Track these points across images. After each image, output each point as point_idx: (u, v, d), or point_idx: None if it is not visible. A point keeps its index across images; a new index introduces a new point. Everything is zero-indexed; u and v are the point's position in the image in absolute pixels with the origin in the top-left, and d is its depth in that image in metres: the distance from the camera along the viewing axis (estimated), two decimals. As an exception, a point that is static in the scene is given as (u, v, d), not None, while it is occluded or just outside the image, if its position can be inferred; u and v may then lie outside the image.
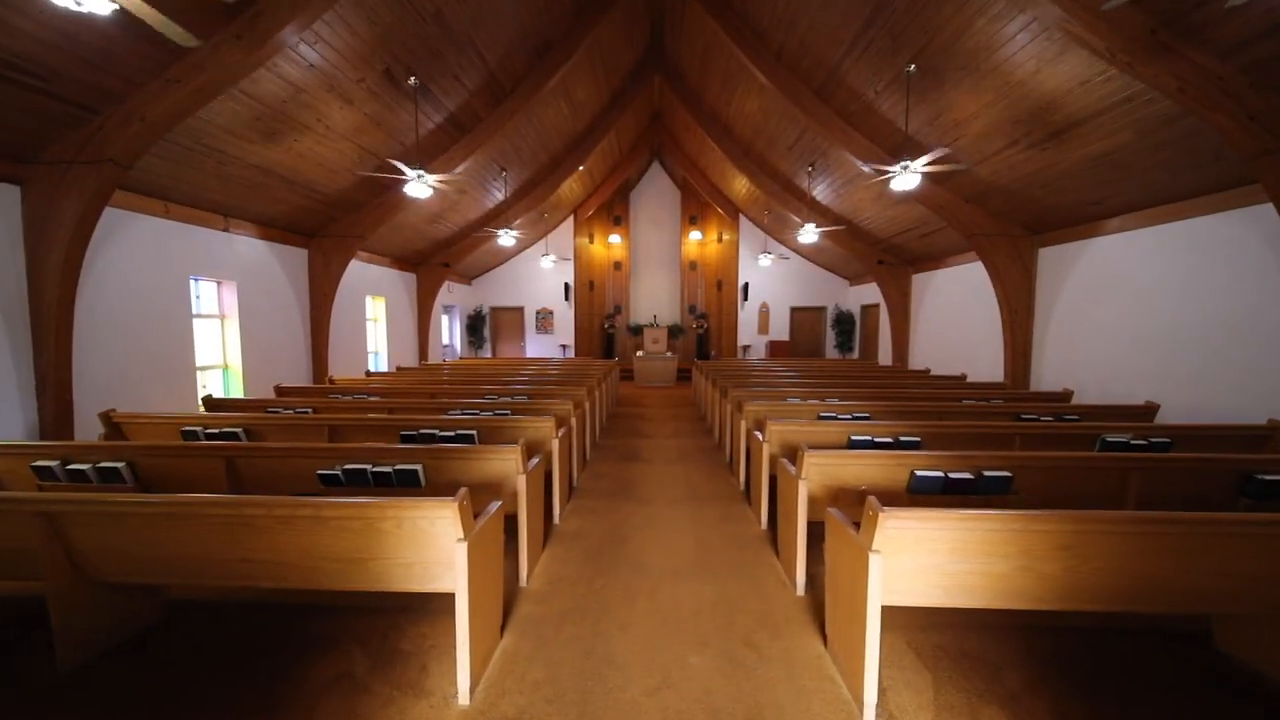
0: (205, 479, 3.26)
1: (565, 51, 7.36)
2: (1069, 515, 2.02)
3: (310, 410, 5.15)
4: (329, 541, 2.22)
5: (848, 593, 2.25)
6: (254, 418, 4.41)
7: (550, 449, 4.20)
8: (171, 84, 4.24)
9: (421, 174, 5.82)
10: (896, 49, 5.44)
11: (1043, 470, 3.07)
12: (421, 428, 4.18)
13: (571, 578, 3.24)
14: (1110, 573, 2.07)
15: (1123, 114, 4.69)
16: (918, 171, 5.49)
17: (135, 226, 5.40)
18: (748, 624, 2.72)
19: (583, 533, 3.98)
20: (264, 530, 2.22)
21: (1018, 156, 5.87)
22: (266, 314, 7.30)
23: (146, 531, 2.26)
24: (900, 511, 2.01)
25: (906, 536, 2.04)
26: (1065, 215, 6.57)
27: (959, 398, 5.88)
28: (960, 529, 2.04)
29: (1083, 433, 4.03)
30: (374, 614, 2.79)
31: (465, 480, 3.19)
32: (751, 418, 5.00)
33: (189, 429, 4.25)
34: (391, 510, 2.14)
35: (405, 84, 5.93)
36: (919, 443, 3.86)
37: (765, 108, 8.40)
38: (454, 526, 2.13)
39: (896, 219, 9.11)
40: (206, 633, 2.68)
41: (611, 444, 6.94)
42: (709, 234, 15.37)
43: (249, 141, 5.43)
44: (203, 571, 2.32)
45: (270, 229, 7.23)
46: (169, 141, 4.91)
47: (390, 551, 2.22)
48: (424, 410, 5.26)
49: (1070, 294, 6.88)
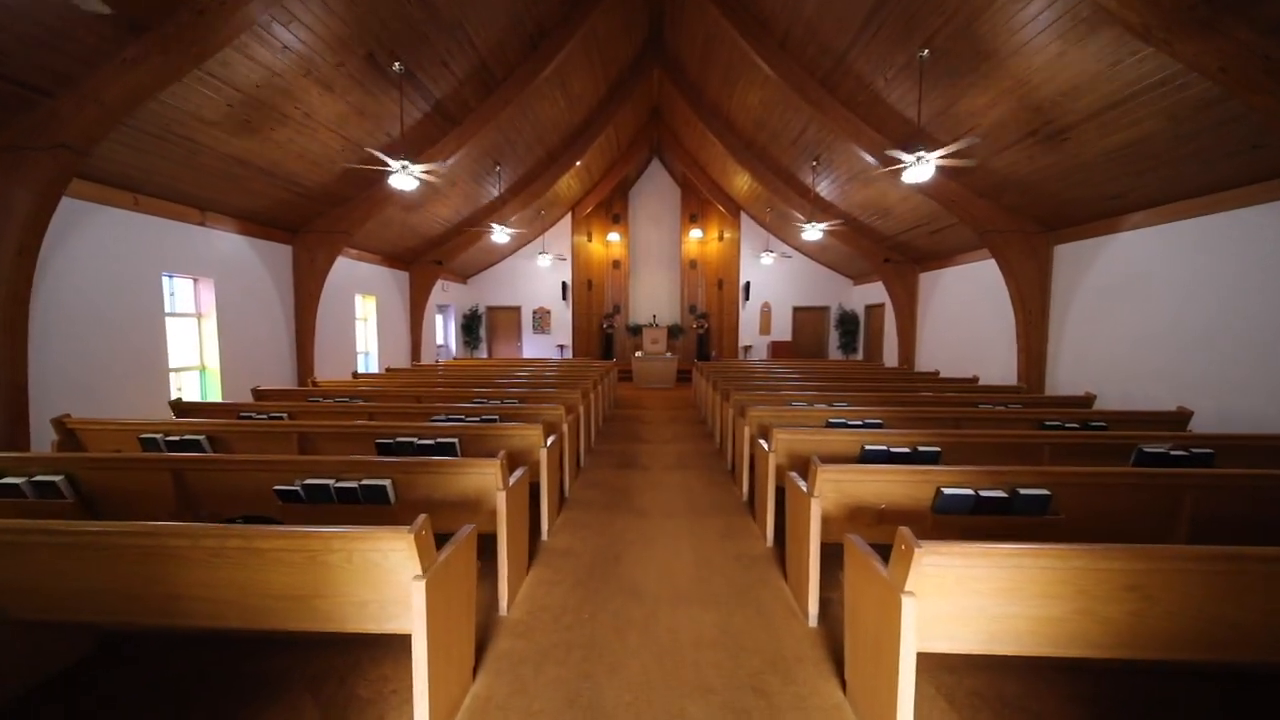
0: (152, 494, 2.95)
1: (560, 40, 7.05)
2: (1138, 551, 1.71)
3: (285, 415, 4.85)
4: (268, 576, 1.90)
5: (872, 636, 1.94)
6: (219, 424, 4.10)
7: (538, 458, 3.89)
8: (129, 64, 3.92)
9: (406, 165, 5.50)
10: (910, 32, 5.12)
11: (1082, 487, 2.75)
12: (399, 435, 3.86)
13: (557, 605, 2.92)
14: (1184, 616, 1.75)
15: (1153, 100, 4.37)
16: (934, 162, 5.17)
17: (101, 219, 5.08)
18: (755, 664, 2.41)
19: (572, 550, 3.66)
20: (192, 563, 1.91)
21: (1036, 147, 5.55)
22: (247, 313, 6.98)
23: (55, 563, 1.95)
24: (939, 546, 1.69)
25: (946, 576, 1.73)
26: (1084, 210, 6.26)
27: (974, 402, 5.56)
28: (1009, 566, 1.72)
29: (1117, 443, 3.71)
30: (333, 650, 2.47)
31: (440, 497, 2.87)
32: (755, 424, 4.68)
33: (148, 436, 3.93)
34: (338, 541, 1.83)
35: (389, 70, 5.61)
36: (939, 454, 3.55)
37: (768, 99, 8.08)
38: (410, 560, 1.81)
39: (904, 215, 8.79)
40: (143, 670, 2.36)
41: (608, 449, 6.62)
42: (709, 232, 15.05)
43: (222, 130, 5.12)
44: (125, 609, 2.00)
45: (251, 224, 6.91)
46: (133, 128, 4.60)
47: (339, 588, 1.90)
48: (407, 416, 4.94)
49: (1088, 293, 6.56)
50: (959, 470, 2.73)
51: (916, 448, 3.56)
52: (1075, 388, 6.66)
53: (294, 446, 3.95)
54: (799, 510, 2.91)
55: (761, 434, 4.47)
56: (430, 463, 2.85)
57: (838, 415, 4.69)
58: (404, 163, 5.51)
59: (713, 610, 2.88)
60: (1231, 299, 4.86)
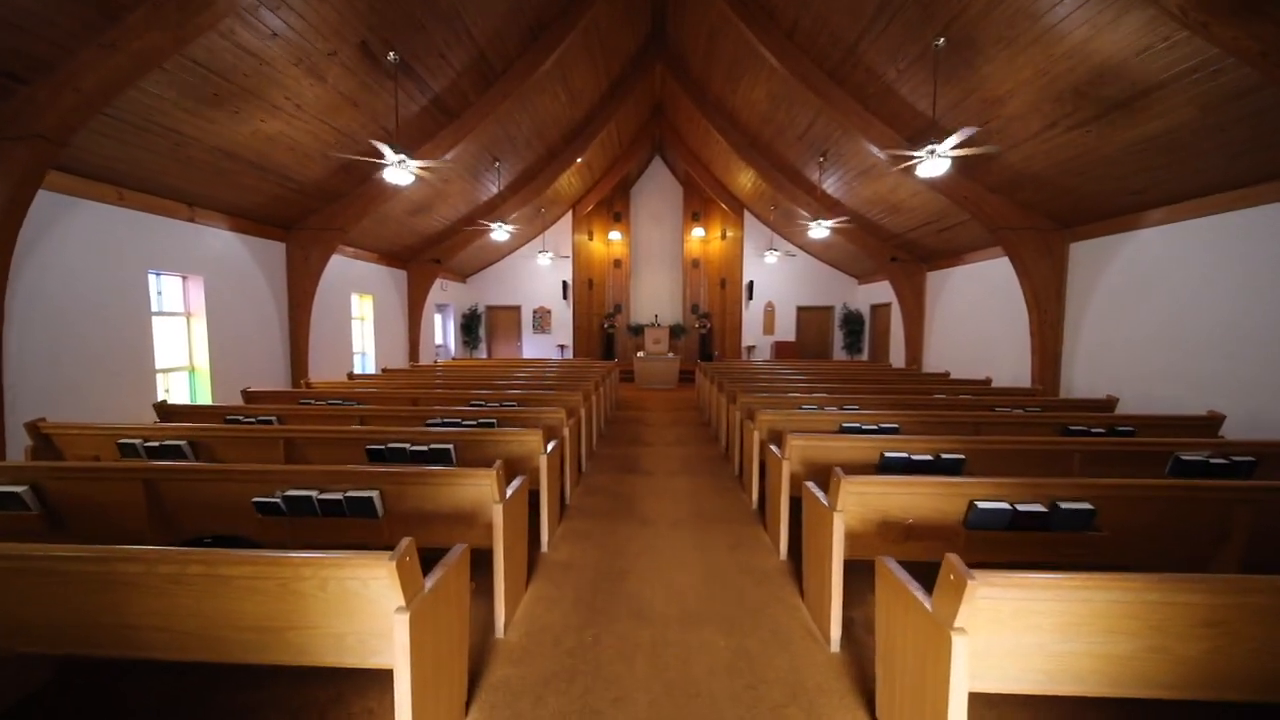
0: (124, 507, 2.74)
1: (560, 31, 6.84)
2: (1222, 583, 1.50)
3: (275, 419, 4.64)
4: (234, 606, 1.70)
5: (912, 673, 1.73)
6: (203, 429, 3.89)
7: (538, 465, 3.68)
8: (108, 49, 3.72)
9: (403, 159, 5.29)
10: (927, 19, 4.90)
11: (1124, 501, 2.54)
12: (391, 441, 3.65)
13: (558, 626, 2.72)
14: (1272, 655, 1.54)
15: (1184, 88, 4.16)
16: (946, 155, 4.96)
17: (83, 214, 4.87)
18: (776, 696, 2.19)
19: (574, 563, 3.46)
20: (148, 591, 1.70)
21: (1056, 140, 5.34)
22: (239, 312, 6.77)
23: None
24: (993, 577, 1.48)
25: (1001, 609, 1.52)
26: (1102, 206, 6.05)
27: (990, 405, 5.35)
28: (1073, 599, 1.52)
29: (1149, 450, 3.50)
30: (314, 681, 2.26)
31: (432, 510, 2.67)
32: (765, 428, 4.47)
33: (127, 441, 3.73)
34: (309, 568, 1.62)
35: (384, 60, 5.40)
36: (963, 461, 3.34)
37: (774, 93, 7.88)
38: (391, 590, 1.60)
39: (913, 212, 8.58)
40: (107, 700, 2.16)
41: (610, 453, 6.42)
42: (712, 231, 14.84)
43: (209, 121, 4.91)
44: (76, 640, 1.79)
45: (242, 220, 6.70)
46: (115, 118, 4.39)
47: (314, 619, 1.69)
48: (401, 419, 4.74)
49: (1105, 292, 6.35)
50: (992, 482, 2.52)
51: (939, 455, 3.36)
52: (1091, 390, 6.45)
53: (280, 453, 3.74)
54: (818, 524, 2.70)
55: (773, 439, 4.26)
56: (422, 473, 2.64)
57: (851, 419, 4.48)
58: (401, 156, 5.31)
59: (725, 633, 2.67)
60: (1262, 299, 4.64)
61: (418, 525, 2.67)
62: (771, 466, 3.86)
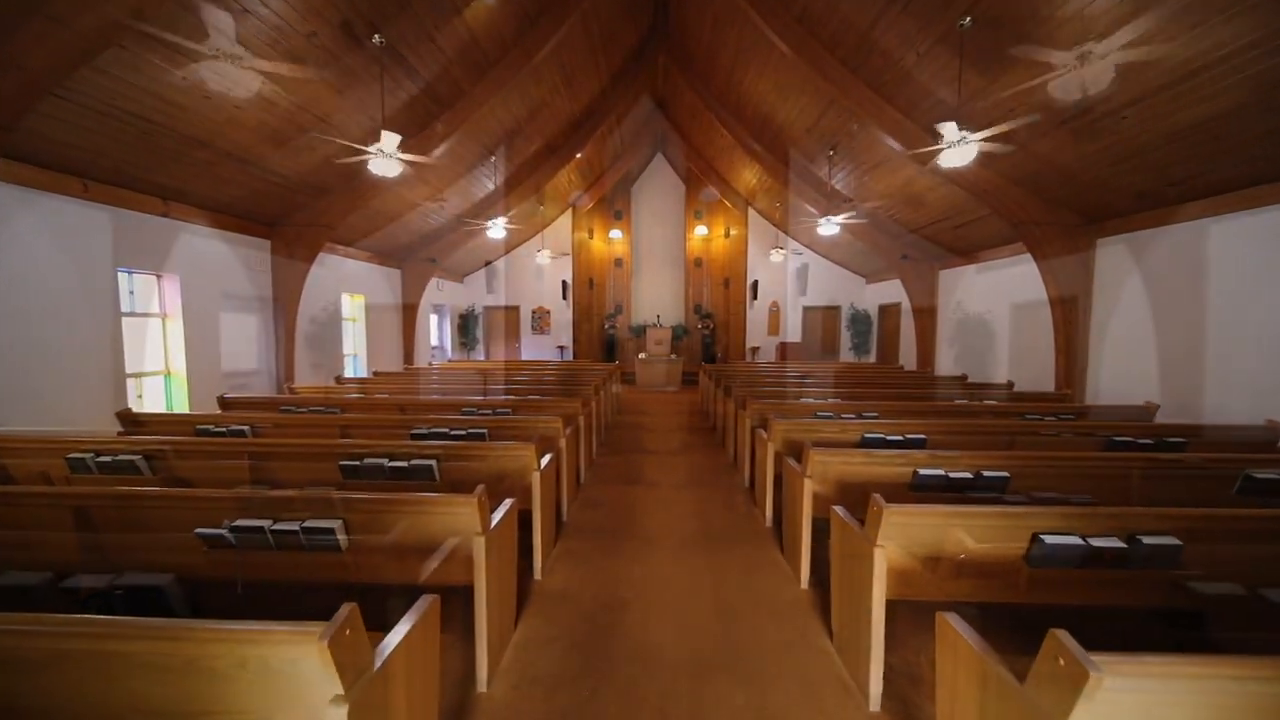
0: (53, 540, 2.38)
1: (558, 18, 6.48)
2: None
3: (248, 430, 4.29)
4: (134, 686, 1.34)
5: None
6: (163, 442, 3.52)
7: (531, 482, 3.32)
8: (54, 23, 3.36)
9: (381, 149, 4.93)
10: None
11: (1212, 535, 2.17)
12: (368, 456, 3.29)
13: (551, 676, 2.35)
14: None
15: (1237, 67, 3.80)
16: (976, 144, 4.60)
17: (42, 207, 4.51)
18: (809, 775, 1.84)
19: (570, 593, 3.09)
20: (24, 668, 1.34)
21: (1088, 128, 4.96)
22: (218, 313, 6.41)
23: None
24: (1123, 664, 1.12)
25: (1123, 701, 1.15)
26: (1134, 200, 5.67)
27: (1019, 412, 4.98)
28: (1226, 693, 1.15)
29: (1213, 468, 3.13)
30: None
31: (404, 543, 2.30)
32: (779, 438, 4.11)
33: (76, 456, 3.37)
34: (221, 644, 1.26)
35: (369, 42, 5.05)
36: (1007, 479, 2.98)
37: (782, 83, 7.52)
38: (324, 674, 1.24)
39: (929, 207, 8.20)
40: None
41: (610, 461, 6.05)
42: (715, 229, 14.47)
43: (178, 107, 4.55)
44: (-57, 724, 1.43)
45: (222, 215, 6.34)
46: (72, 102, 4.04)
47: (236, 702, 1.33)
48: (385, 428, 4.38)
49: (1135, 292, 5.98)
50: (1059, 512, 2.16)
51: (980, 473, 2.99)
52: (1119, 395, 6.07)
53: (244, 470, 3.37)
54: (853, 559, 2.33)
55: (789, 450, 3.90)
56: (391, 500, 2.28)
57: (871, 428, 4.12)
58: (391, 143, 4.95)
59: (744, 682, 2.30)
60: (1321, 297, 4.28)
61: (387, 558, 2.31)
62: (790, 483, 3.49)
